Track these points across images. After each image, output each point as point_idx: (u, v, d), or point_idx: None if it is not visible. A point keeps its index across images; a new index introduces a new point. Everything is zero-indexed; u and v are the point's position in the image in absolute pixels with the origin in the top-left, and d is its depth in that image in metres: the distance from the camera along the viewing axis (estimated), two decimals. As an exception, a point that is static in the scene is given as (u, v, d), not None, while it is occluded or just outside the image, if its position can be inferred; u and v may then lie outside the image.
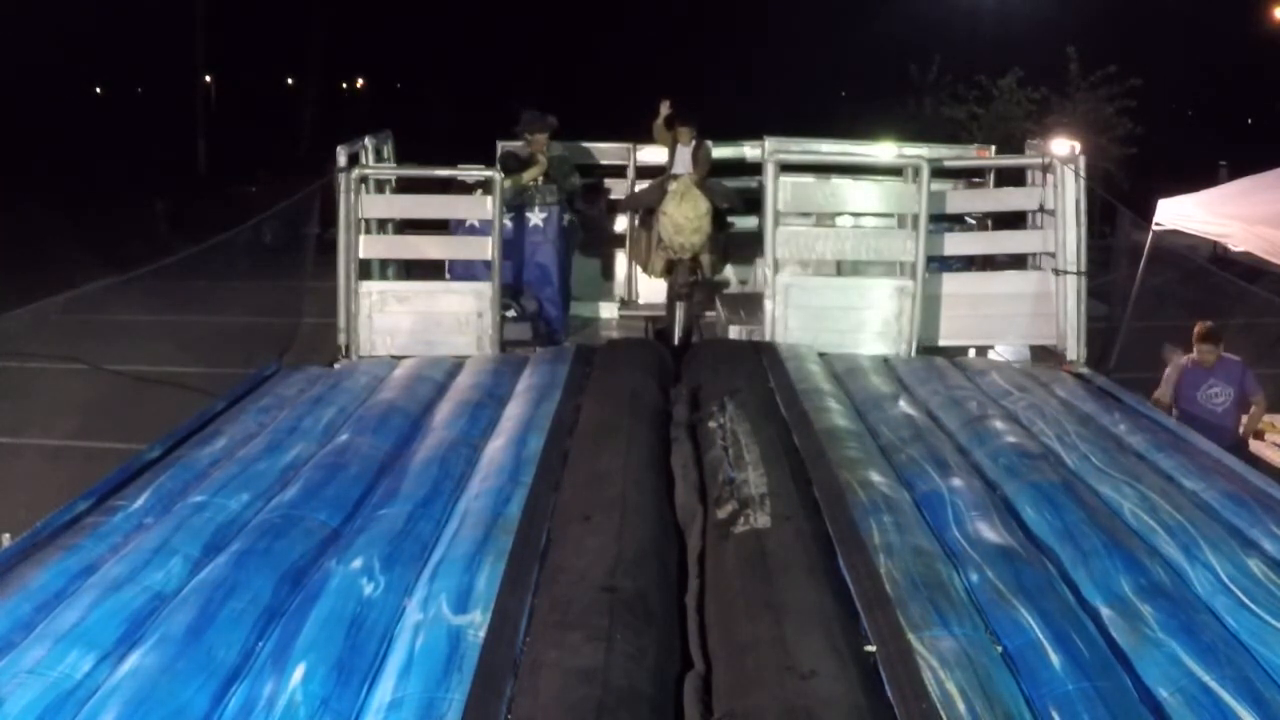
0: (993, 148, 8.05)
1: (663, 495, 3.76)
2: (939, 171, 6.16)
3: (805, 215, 6.61)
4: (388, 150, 7.01)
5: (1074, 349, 5.99)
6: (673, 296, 6.77)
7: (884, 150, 7.69)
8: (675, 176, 6.76)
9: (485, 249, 6.07)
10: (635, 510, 3.49)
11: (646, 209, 6.92)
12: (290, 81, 35.22)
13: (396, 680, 2.66)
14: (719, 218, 6.73)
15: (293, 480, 3.90)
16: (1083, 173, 6.03)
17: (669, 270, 6.75)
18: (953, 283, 6.20)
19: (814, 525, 3.45)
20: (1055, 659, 2.74)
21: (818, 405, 4.73)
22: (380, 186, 6.54)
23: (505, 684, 2.59)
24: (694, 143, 7.08)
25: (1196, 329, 6.73)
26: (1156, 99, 18.77)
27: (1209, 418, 6.45)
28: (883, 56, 22.28)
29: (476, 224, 6.33)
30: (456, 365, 5.60)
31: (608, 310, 7.41)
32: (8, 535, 3.93)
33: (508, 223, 6.39)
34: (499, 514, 3.55)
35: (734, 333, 6.52)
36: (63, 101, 29.45)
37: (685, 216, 6.53)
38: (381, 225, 6.40)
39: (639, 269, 7.28)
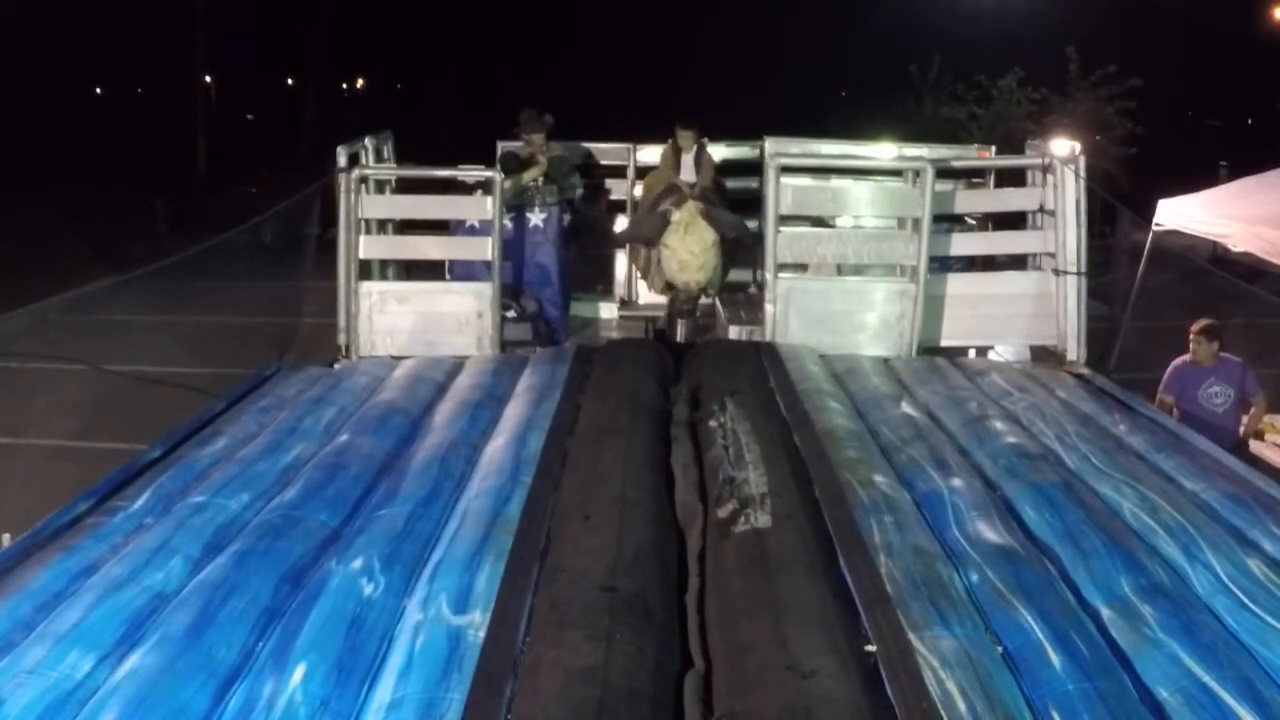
0: (993, 148, 8.04)
1: (663, 495, 3.76)
2: (940, 172, 6.15)
3: (806, 218, 6.59)
4: (388, 150, 7.01)
5: (1074, 349, 5.99)
6: (674, 313, 6.61)
7: (885, 151, 7.69)
8: (677, 187, 6.56)
9: (485, 249, 6.06)
10: (635, 509, 3.49)
11: (646, 239, 6.56)
12: (290, 81, 35.23)
13: (396, 680, 2.66)
14: (725, 243, 6.34)
15: (293, 480, 3.90)
16: (1083, 173, 6.02)
17: (670, 287, 6.56)
18: (953, 283, 6.20)
19: (814, 525, 3.45)
20: (1055, 659, 2.74)
21: (818, 405, 4.73)
22: (380, 187, 6.54)
23: (505, 684, 2.59)
24: (696, 148, 6.87)
25: (1191, 325, 6.75)
26: (1156, 99, 18.77)
27: (1209, 418, 6.46)
28: (883, 56, 22.29)
29: (476, 224, 6.33)
30: (456, 365, 5.60)
31: (608, 310, 7.40)
32: (8, 535, 3.94)
33: (508, 223, 6.38)
34: (499, 514, 3.55)
35: (734, 333, 6.51)
36: (63, 101, 29.45)
37: (690, 251, 6.11)
38: (381, 225, 6.40)
39: (639, 270, 7.24)
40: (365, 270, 6.13)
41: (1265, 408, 6.91)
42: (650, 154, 7.49)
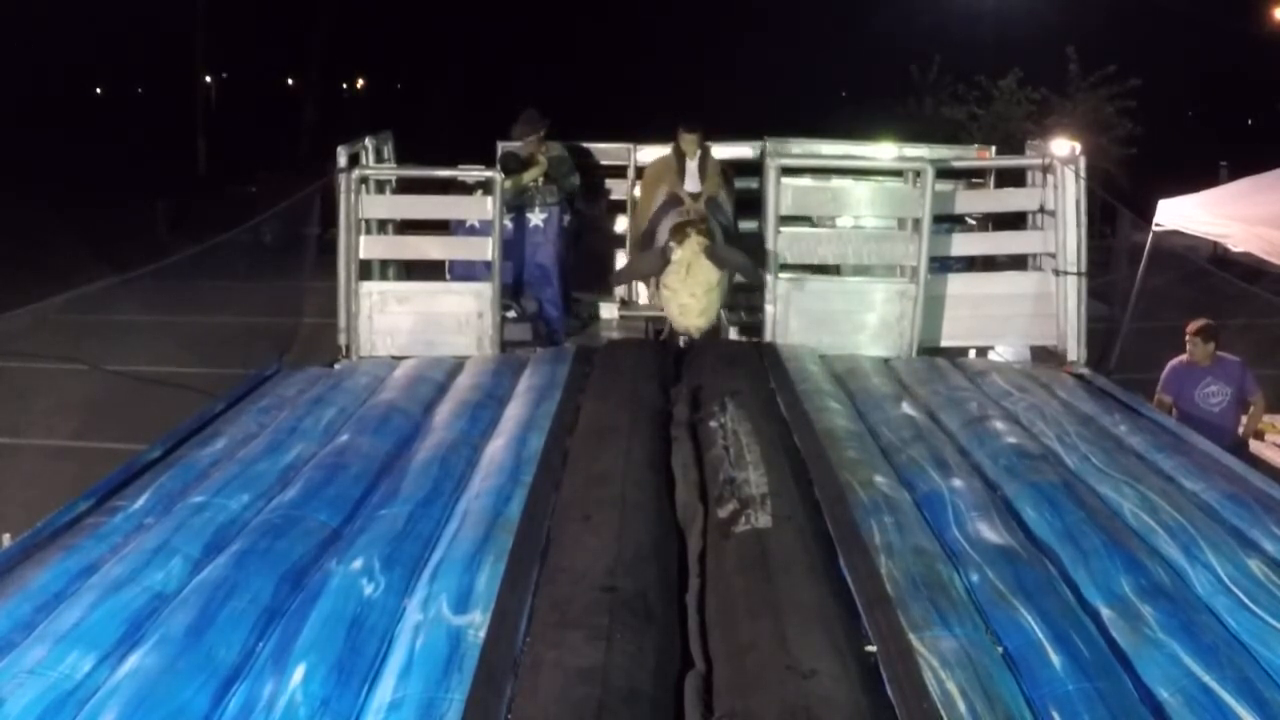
0: (993, 148, 8.03)
1: (663, 495, 3.76)
2: (940, 172, 6.14)
3: (806, 218, 6.58)
4: (388, 150, 7.00)
5: (1074, 350, 5.98)
6: (676, 329, 6.30)
7: (885, 151, 7.68)
8: (679, 198, 6.27)
9: (485, 249, 6.06)
10: (635, 510, 3.49)
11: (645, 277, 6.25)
12: (290, 81, 35.27)
13: (396, 680, 2.66)
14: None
15: (293, 480, 3.90)
16: (1083, 173, 6.02)
17: None
18: (953, 284, 6.19)
19: (815, 525, 3.44)
20: (1055, 659, 2.74)
21: (819, 406, 4.73)
22: (380, 187, 6.54)
23: (505, 684, 2.59)
24: (699, 153, 6.55)
25: (1189, 325, 6.76)
26: (1156, 99, 18.78)
27: (1207, 417, 6.47)
28: (883, 56, 22.31)
29: (476, 224, 6.32)
30: (457, 366, 5.60)
31: (608, 310, 7.39)
32: (8, 535, 3.94)
33: (508, 223, 6.38)
34: (499, 514, 3.55)
35: (735, 334, 6.50)
36: (63, 101, 29.46)
37: (691, 294, 5.57)
38: (382, 225, 6.39)
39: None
40: (365, 270, 6.13)
41: (1264, 407, 6.91)
42: (650, 154, 7.45)
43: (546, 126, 6.89)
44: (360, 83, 38.11)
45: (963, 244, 6.47)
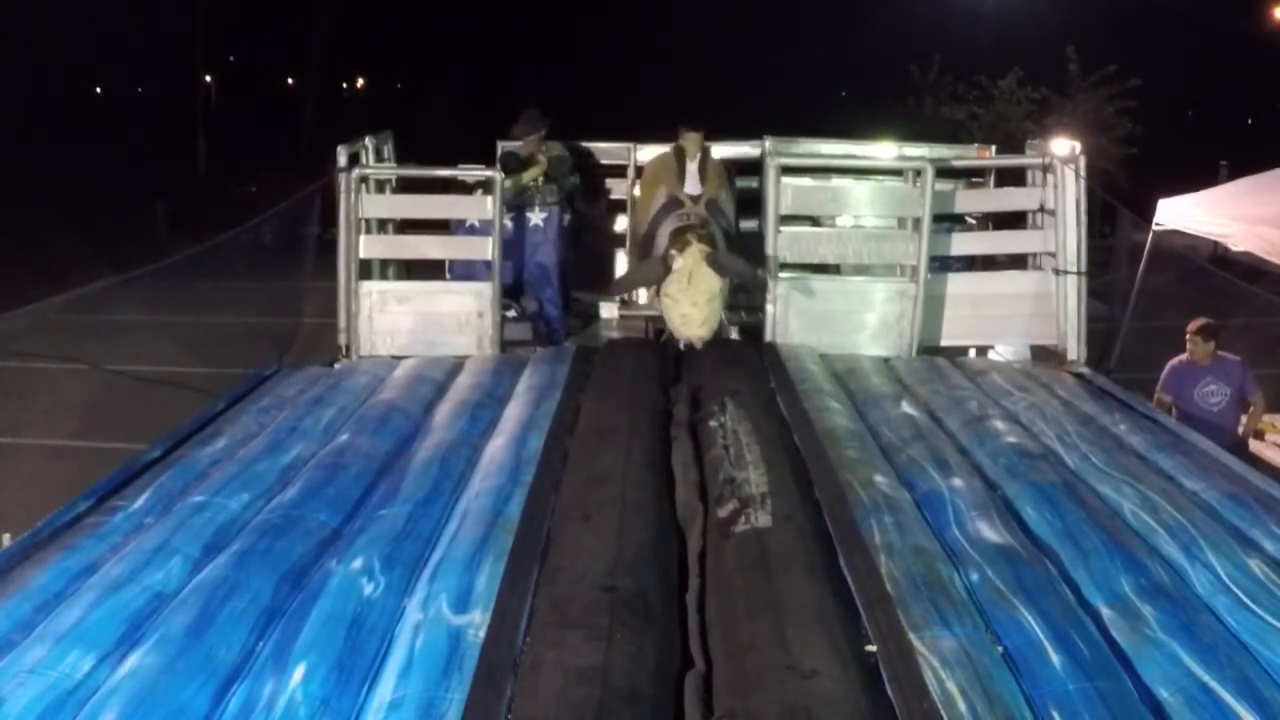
0: (993, 148, 8.03)
1: (663, 494, 3.76)
2: (940, 172, 6.14)
3: (806, 218, 6.58)
4: (388, 150, 7.00)
5: (1074, 349, 5.99)
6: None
7: (885, 151, 7.67)
8: (679, 201, 6.18)
9: (485, 249, 6.06)
10: (635, 509, 3.49)
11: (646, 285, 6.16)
12: (290, 81, 35.28)
13: (396, 680, 2.66)
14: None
15: (293, 480, 3.90)
16: (1083, 173, 6.02)
17: None
18: (953, 283, 6.20)
19: (815, 525, 3.44)
20: (1055, 659, 2.74)
21: (818, 405, 4.73)
22: (380, 186, 6.54)
23: (505, 683, 2.59)
24: (700, 154, 6.44)
25: (1189, 324, 6.77)
26: (1156, 99, 18.79)
27: (1206, 417, 6.47)
28: (883, 56, 22.30)
29: (476, 224, 6.32)
30: (456, 365, 5.60)
31: (608, 310, 7.39)
32: (8, 535, 3.94)
33: (508, 223, 6.38)
34: (499, 513, 3.55)
35: (735, 334, 6.50)
36: (63, 101, 29.46)
37: (693, 303, 5.39)
38: (382, 225, 6.40)
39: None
40: (365, 270, 6.13)
41: (1264, 407, 6.91)
42: (650, 154, 7.43)
43: (547, 126, 6.88)
44: (360, 83, 38.10)
45: (963, 243, 6.47)
